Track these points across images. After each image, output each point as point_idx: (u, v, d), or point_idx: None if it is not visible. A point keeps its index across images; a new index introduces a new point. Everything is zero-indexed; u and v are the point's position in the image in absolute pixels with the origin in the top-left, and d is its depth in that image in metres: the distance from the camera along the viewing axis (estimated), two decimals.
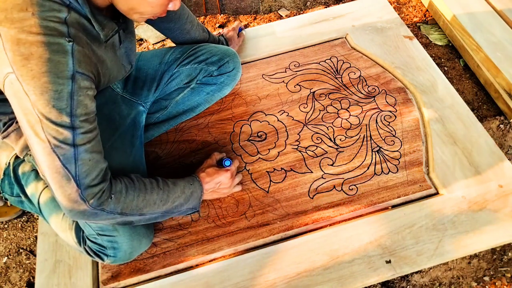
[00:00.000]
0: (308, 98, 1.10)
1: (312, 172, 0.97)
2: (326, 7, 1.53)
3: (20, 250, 1.07)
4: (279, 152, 1.01)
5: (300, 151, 1.01)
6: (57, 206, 0.83)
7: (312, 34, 1.25)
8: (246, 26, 1.52)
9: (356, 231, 0.88)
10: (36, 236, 1.08)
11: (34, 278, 0.99)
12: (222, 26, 1.53)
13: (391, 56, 1.16)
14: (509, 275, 0.94)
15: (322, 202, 0.92)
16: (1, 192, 0.88)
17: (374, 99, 1.08)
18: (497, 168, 0.93)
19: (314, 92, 1.11)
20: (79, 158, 0.60)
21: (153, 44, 1.49)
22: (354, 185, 0.94)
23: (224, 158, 0.93)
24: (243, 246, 0.89)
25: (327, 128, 1.04)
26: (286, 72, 1.17)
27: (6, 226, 1.11)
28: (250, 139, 1.04)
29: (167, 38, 1.03)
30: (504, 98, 1.15)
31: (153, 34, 1.50)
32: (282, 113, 1.08)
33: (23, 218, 1.12)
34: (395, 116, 1.05)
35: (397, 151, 0.99)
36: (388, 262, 0.83)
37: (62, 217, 0.84)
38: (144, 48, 1.49)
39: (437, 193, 0.92)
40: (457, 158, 0.96)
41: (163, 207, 0.75)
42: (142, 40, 1.51)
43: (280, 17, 1.56)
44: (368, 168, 0.96)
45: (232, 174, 0.89)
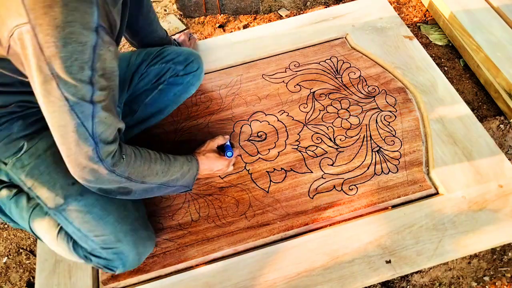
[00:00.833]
0: (308, 98, 1.10)
1: (312, 172, 0.97)
2: (326, 7, 1.53)
3: (20, 250, 1.07)
4: (279, 152, 1.01)
5: (300, 151, 1.01)
6: (51, 224, 0.81)
7: (312, 34, 1.25)
8: (246, 26, 1.52)
9: (356, 231, 0.88)
10: None
11: (34, 278, 0.99)
12: (222, 26, 1.53)
13: (391, 56, 1.16)
14: (509, 275, 0.94)
15: (322, 202, 0.92)
16: None
17: (374, 99, 1.08)
18: (497, 168, 0.93)
19: (314, 92, 1.11)
20: (96, 115, 0.58)
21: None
22: (354, 185, 0.94)
23: (227, 147, 0.94)
24: (243, 246, 0.89)
25: (327, 128, 1.04)
26: (286, 72, 1.17)
27: (6, 226, 1.11)
28: (250, 139, 1.04)
29: (132, 44, 1.05)
30: (504, 98, 1.15)
31: None
32: (282, 113, 1.08)
33: None
34: (395, 116, 1.05)
35: (397, 151, 0.98)
36: (388, 262, 0.83)
37: (57, 237, 0.82)
38: None
39: (437, 193, 0.92)
40: (457, 158, 0.96)
41: (162, 178, 0.76)
42: None
43: (280, 17, 1.56)
44: (368, 168, 0.96)
45: (230, 163, 0.93)
